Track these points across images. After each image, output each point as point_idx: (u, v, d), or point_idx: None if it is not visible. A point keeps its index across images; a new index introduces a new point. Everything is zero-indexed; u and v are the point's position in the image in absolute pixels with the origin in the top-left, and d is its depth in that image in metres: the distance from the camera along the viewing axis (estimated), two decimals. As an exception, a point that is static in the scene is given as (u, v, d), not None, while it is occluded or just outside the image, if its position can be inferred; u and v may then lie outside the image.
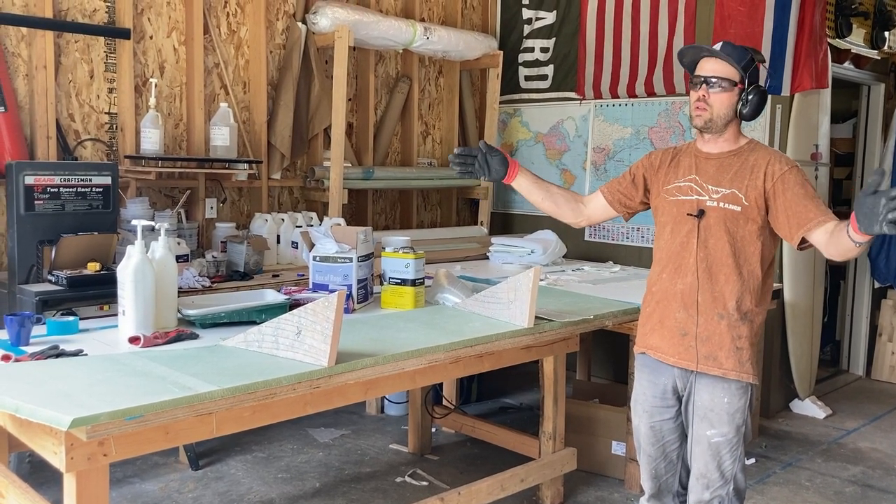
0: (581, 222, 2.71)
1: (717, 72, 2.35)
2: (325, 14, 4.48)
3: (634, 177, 2.58)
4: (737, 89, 2.35)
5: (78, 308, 3.07)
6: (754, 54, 2.38)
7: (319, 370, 2.21)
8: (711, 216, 2.36)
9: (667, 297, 2.44)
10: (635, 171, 2.59)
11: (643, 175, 2.56)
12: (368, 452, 3.99)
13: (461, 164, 2.55)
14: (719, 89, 2.34)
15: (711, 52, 2.37)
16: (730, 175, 2.36)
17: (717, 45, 2.39)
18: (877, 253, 5.43)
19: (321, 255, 3.08)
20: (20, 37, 3.71)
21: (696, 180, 2.41)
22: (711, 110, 2.36)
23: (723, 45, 2.38)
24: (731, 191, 2.34)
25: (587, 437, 3.74)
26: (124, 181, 3.91)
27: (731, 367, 2.34)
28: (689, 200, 2.41)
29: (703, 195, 2.38)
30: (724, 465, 2.37)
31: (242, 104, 4.51)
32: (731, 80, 2.34)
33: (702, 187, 2.39)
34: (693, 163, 2.44)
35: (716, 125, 2.38)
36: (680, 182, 2.45)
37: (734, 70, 2.34)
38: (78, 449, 1.87)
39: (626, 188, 2.59)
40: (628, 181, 2.60)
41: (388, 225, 5.37)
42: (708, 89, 2.35)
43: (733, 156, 2.39)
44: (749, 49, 2.39)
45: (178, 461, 3.77)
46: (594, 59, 5.15)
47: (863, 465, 4.00)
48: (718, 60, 2.35)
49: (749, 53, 2.37)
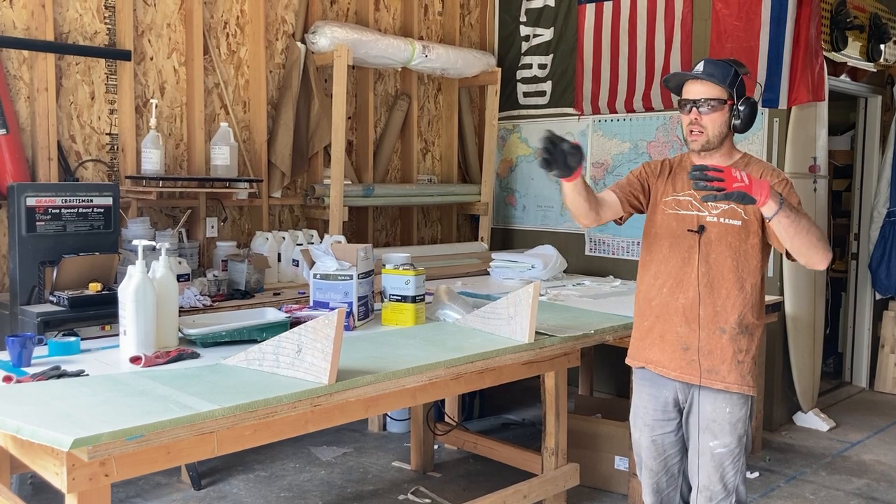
0: (594, 224, 2.55)
1: (705, 93, 2.36)
2: (324, 34, 4.51)
3: (640, 180, 2.57)
4: (727, 106, 2.37)
5: (79, 328, 3.08)
6: (738, 68, 2.39)
7: (320, 388, 2.21)
8: (712, 232, 2.37)
9: (667, 312, 2.44)
10: (639, 174, 2.58)
11: (646, 179, 2.56)
12: (371, 470, 3.98)
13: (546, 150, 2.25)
14: (709, 110, 2.36)
15: (695, 76, 2.39)
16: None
17: (699, 66, 2.40)
18: (877, 264, 5.43)
19: (322, 272, 3.09)
20: (22, 59, 3.74)
21: (694, 195, 2.42)
22: (707, 132, 2.38)
23: (705, 66, 2.39)
24: (729, 206, 2.35)
25: (590, 452, 3.73)
26: (125, 201, 3.93)
27: (733, 380, 2.35)
28: (690, 216, 2.42)
29: (702, 210, 2.40)
30: (726, 477, 2.38)
31: (242, 123, 4.53)
32: (719, 99, 2.36)
33: (701, 203, 2.40)
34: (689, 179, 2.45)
35: (712, 144, 2.40)
36: (679, 196, 2.46)
37: (721, 89, 2.36)
38: (79, 469, 1.87)
39: (636, 189, 2.56)
40: (636, 183, 2.56)
41: (388, 242, 5.38)
42: (699, 112, 2.37)
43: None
44: (732, 62, 2.40)
45: (180, 481, 3.76)
46: (592, 75, 5.19)
47: (867, 478, 3.98)
48: (704, 82, 2.37)
49: (733, 68, 2.38)
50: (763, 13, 4.37)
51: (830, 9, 4.79)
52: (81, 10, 3.90)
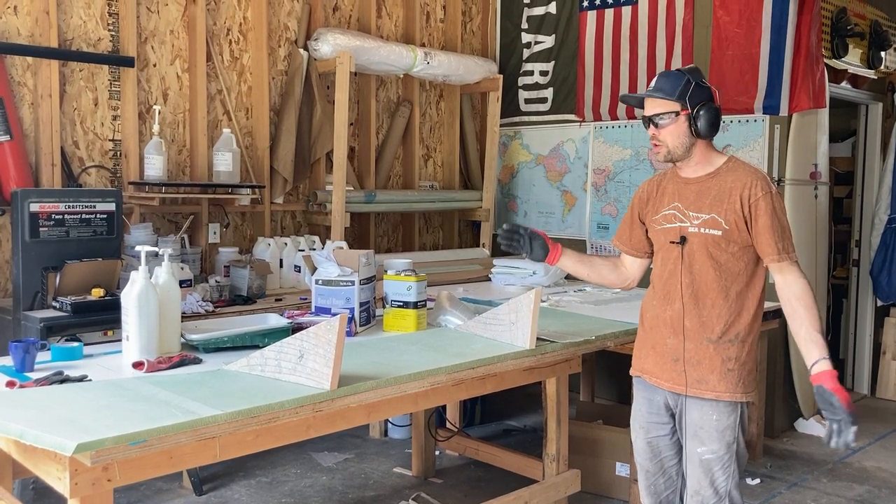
0: (630, 284, 2.73)
1: (656, 108, 2.41)
2: (327, 40, 4.53)
3: (634, 220, 2.64)
4: (682, 116, 2.38)
5: (82, 334, 3.08)
6: (691, 76, 2.40)
7: (322, 393, 2.21)
8: (694, 242, 2.40)
9: (657, 324, 2.49)
10: (631, 213, 2.65)
11: (637, 213, 2.62)
12: (372, 476, 3.98)
13: (507, 240, 2.68)
14: (665, 123, 2.39)
15: (644, 96, 2.45)
16: (709, 200, 2.40)
17: (652, 82, 2.46)
18: (878, 271, 5.43)
19: (323, 278, 3.10)
20: (26, 66, 3.76)
21: (678, 207, 2.46)
22: (665, 144, 2.42)
23: (656, 81, 2.44)
24: (710, 216, 2.38)
25: (591, 458, 3.73)
26: (128, 207, 3.94)
27: (723, 389, 2.38)
28: (673, 228, 2.46)
29: (684, 221, 2.43)
30: (716, 482, 2.40)
31: (245, 130, 4.55)
32: (670, 111, 2.39)
33: (684, 214, 2.44)
34: (676, 189, 2.49)
35: (676, 154, 2.43)
36: (665, 211, 2.50)
37: (670, 102, 2.39)
38: (82, 474, 1.87)
39: (637, 234, 2.63)
40: (633, 227, 2.64)
41: (390, 248, 5.39)
42: (655, 128, 2.42)
43: (711, 178, 2.43)
44: (684, 72, 2.43)
45: (181, 486, 3.76)
46: (593, 82, 5.20)
47: (868, 485, 3.98)
48: (653, 99, 2.42)
49: (685, 76, 2.40)
50: (764, 20, 4.39)
51: (831, 16, 4.81)
52: (85, 17, 3.92)
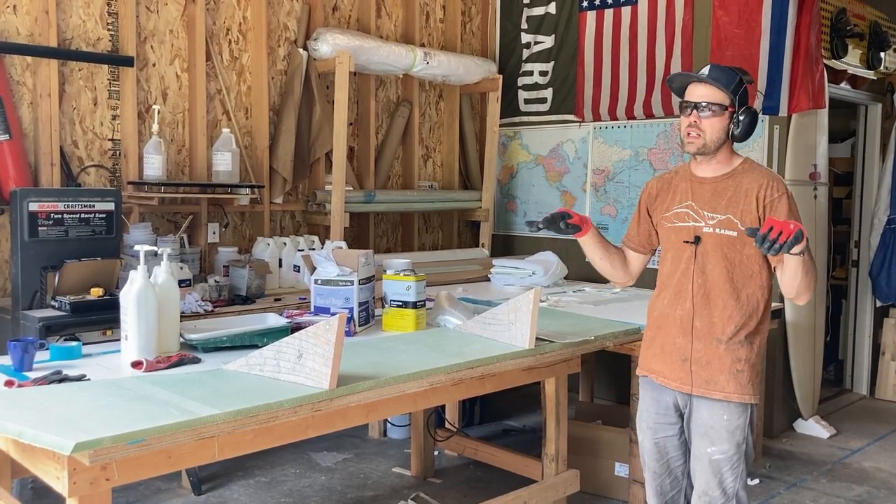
0: (630, 281, 2.72)
1: (707, 97, 2.35)
2: (326, 40, 4.53)
3: (641, 214, 2.62)
4: (727, 112, 2.36)
5: (81, 333, 3.08)
6: (743, 76, 2.38)
7: (321, 393, 2.21)
8: (708, 242, 2.38)
9: (667, 323, 2.48)
10: (640, 207, 2.63)
11: (646, 207, 2.60)
12: (371, 476, 3.98)
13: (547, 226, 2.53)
14: (710, 114, 2.35)
15: (700, 79, 2.38)
16: (724, 200, 2.38)
17: (704, 70, 2.40)
18: (878, 272, 5.43)
19: (322, 278, 3.10)
20: (25, 65, 3.75)
21: (692, 206, 2.43)
22: (704, 136, 2.36)
23: (710, 70, 2.38)
24: (726, 216, 2.36)
25: (590, 458, 3.73)
26: (127, 207, 3.94)
27: (732, 390, 2.36)
28: (686, 227, 2.43)
29: (699, 221, 2.41)
30: (725, 483, 2.39)
31: (244, 129, 4.55)
32: (721, 104, 2.35)
33: (698, 213, 2.41)
34: (689, 188, 2.46)
35: (708, 149, 2.39)
36: (677, 208, 2.47)
37: (724, 94, 2.35)
38: (80, 473, 1.87)
39: (644, 228, 2.62)
40: (641, 221, 2.62)
41: (389, 248, 5.39)
42: (699, 115, 2.36)
43: (727, 178, 2.41)
44: (737, 70, 2.40)
45: (180, 486, 3.76)
46: (593, 82, 5.20)
47: (867, 485, 3.98)
48: (707, 86, 2.36)
49: (738, 75, 2.37)
50: (763, 21, 4.39)
51: (830, 17, 4.81)
52: (84, 17, 3.92)
